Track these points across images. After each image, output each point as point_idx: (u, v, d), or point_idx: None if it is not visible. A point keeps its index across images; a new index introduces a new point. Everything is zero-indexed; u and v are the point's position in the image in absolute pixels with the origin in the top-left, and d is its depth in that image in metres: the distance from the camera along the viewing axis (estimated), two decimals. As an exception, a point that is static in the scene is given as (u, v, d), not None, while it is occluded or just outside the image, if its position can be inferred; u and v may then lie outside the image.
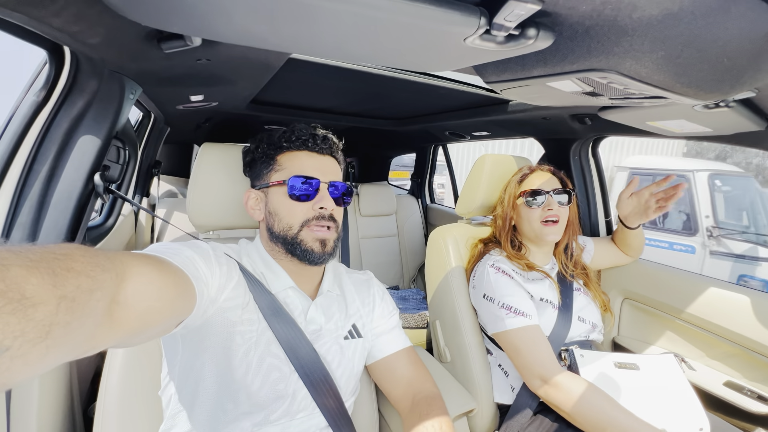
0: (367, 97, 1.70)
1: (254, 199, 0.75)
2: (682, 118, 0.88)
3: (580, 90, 0.69)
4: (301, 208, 0.69)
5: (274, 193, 0.71)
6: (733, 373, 1.12)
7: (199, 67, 0.91)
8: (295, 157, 0.72)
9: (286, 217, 0.69)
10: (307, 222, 0.69)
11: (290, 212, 0.69)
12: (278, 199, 0.70)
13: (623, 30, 0.47)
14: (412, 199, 2.97)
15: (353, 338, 0.76)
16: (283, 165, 0.72)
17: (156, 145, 1.96)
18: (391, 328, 0.83)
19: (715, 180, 3.82)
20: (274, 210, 0.71)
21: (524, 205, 1.11)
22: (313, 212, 0.69)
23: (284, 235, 0.69)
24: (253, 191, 0.75)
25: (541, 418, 0.97)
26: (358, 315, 0.79)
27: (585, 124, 1.38)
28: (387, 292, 0.88)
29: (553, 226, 1.08)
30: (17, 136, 0.74)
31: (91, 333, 0.33)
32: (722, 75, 0.55)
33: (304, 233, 0.69)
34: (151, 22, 0.54)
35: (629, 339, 1.38)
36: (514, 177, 1.18)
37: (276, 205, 0.71)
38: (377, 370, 0.82)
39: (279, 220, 0.70)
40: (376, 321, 0.82)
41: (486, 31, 0.48)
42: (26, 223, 0.74)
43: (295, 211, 0.69)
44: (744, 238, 3.57)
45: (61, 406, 0.83)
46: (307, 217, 0.69)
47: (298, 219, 0.69)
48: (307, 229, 0.69)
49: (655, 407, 0.89)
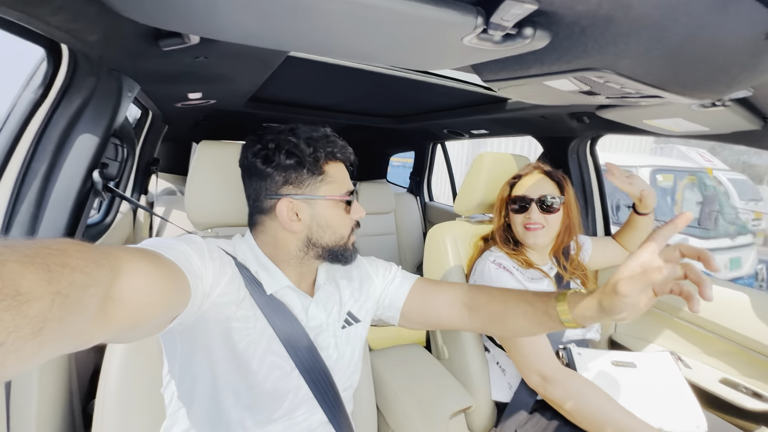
0: (366, 95, 1.70)
1: (293, 210, 0.68)
2: (679, 117, 0.89)
3: (577, 89, 0.70)
4: (349, 218, 0.72)
5: (327, 206, 0.69)
6: (730, 370, 1.13)
7: (197, 64, 0.91)
8: (340, 169, 0.72)
9: (340, 229, 0.71)
10: (352, 230, 0.74)
11: (343, 224, 0.71)
12: (334, 213, 0.70)
13: (619, 29, 0.47)
14: (410, 197, 2.98)
15: (350, 325, 0.77)
16: (333, 177, 0.70)
17: (154, 143, 1.96)
18: (394, 277, 0.85)
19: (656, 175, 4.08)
20: (326, 222, 0.69)
21: (513, 210, 1.13)
22: (353, 221, 0.74)
23: (333, 245, 0.71)
24: (294, 201, 0.67)
25: (538, 416, 0.97)
26: (353, 300, 0.79)
27: (583, 123, 1.39)
28: (374, 258, 0.89)
29: (536, 231, 1.08)
30: (15, 133, 0.74)
31: (85, 328, 0.33)
32: (718, 74, 0.56)
33: (350, 240, 0.73)
34: (149, 21, 0.54)
35: (626, 337, 1.39)
36: (508, 180, 1.19)
37: (329, 218, 0.70)
38: (411, 313, 0.82)
39: (333, 232, 0.70)
40: (380, 290, 0.83)
41: (483, 31, 0.48)
42: (25, 221, 0.74)
43: (346, 222, 0.72)
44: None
45: (60, 403, 0.84)
46: (352, 226, 0.74)
47: (348, 229, 0.72)
48: (351, 236, 0.73)
49: (652, 405, 0.89)
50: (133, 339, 0.49)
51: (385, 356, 1.16)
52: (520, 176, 1.15)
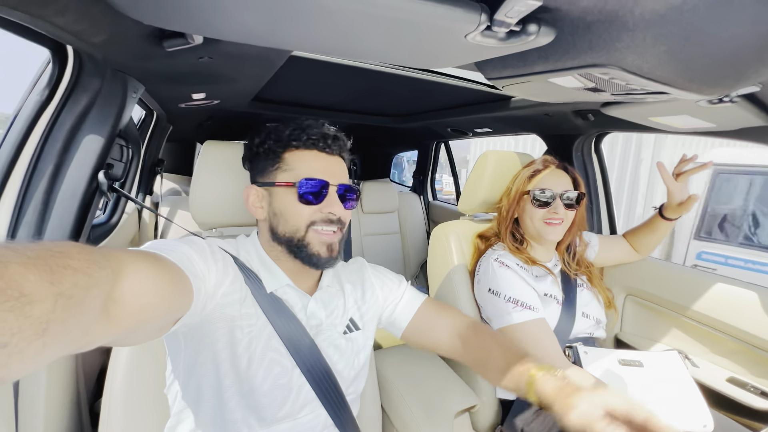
0: (369, 94, 1.70)
1: (256, 196, 0.71)
2: (685, 114, 0.88)
3: (582, 86, 0.69)
4: (308, 210, 0.67)
5: (280, 193, 0.68)
6: (738, 369, 1.12)
7: (200, 64, 0.91)
8: (304, 157, 0.68)
9: (293, 218, 0.67)
10: (314, 224, 0.68)
11: (297, 214, 0.67)
12: (285, 200, 0.68)
13: (625, 25, 0.46)
14: (414, 196, 2.97)
15: (351, 332, 0.77)
16: (291, 165, 0.68)
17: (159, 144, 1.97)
18: (402, 294, 0.84)
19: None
20: (279, 211, 0.68)
21: (530, 203, 1.10)
22: (320, 215, 0.68)
23: (289, 238, 0.68)
24: (254, 188, 0.71)
25: (544, 414, 0.97)
26: (355, 307, 0.79)
27: (587, 120, 1.38)
28: (382, 269, 0.88)
29: (556, 226, 1.07)
30: (22, 134, 0.74)
31: (88, 329, 0.33)
32: (725, 70, 0.55)
33: (311, 236, 0.68)
34: (152, 21, 0.54)
35: (632, 335, 1.38)
36: (525, 170, 1.14)
37: (282, 205, 0.68)
38: (413, 334, 0.83)
39: (285, 221, 0.68)
40: (381, 302, 0.82)
41: (487, 28, 0.48)
42: (32, 221, 0.75)
43: (302, 213, 0.67)
44: None
45: (67, 402, 0.85)
46: (313, 219, 0.68)
47: (304, 221, 0.67)
48: (314, 232, 0.68)
49: (659, 404, 0.89)
50: (137, 341, 0.49)
51: (390, 356, 1.16)
52: (539, 170, 1.12)
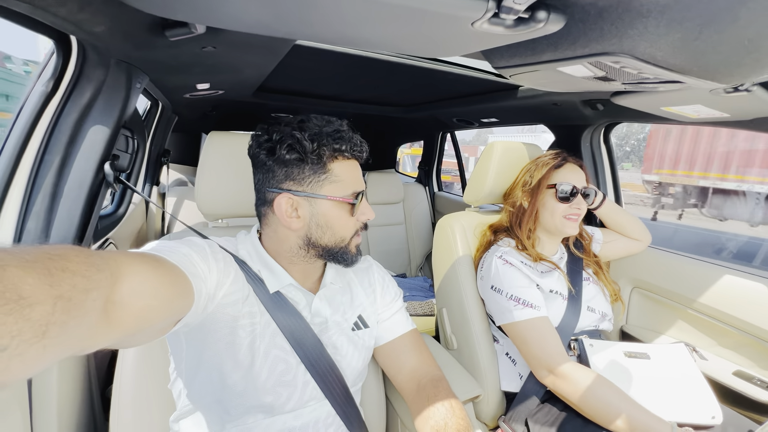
0: (374, 83, 1.68)
1: (293, 206, 0.66)
2: (699, 103, 0.85)
3: (592, 75, 0.67)
4: (354, 221, 0.68)
5: (327, 206, 0.66)
6: (745, 362, 1.11)
7: (204, 54, 0.91)
8: (348, 168, 0.67)
9: (342, 230, 0.67)
10: (357, 232, 0.70)
11: (346, 227, 0.68)
12: (334, 213, 0.66)
13: (638, 11, 0.45)
14: (419, 187, 2.96)
15: (360, 329, 0.76)
16: (339, 176, 0.65)
17: (164, 134, 1.97)
18: (393, 313, 0.82)
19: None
20: (326, 223, 0.66)
21: (552, 197, 1.09)
22: (359, 223, 0.69)
23: (332, 247, 0.68)
24: (293, 197, 0.65)
25: (549, 406, 0.97)
26: (363, 306, 0.79)
27: (597, 110, 1.35)
28: (388, 275, 0.87)
29: (575, 221, 1.08)
30: (28, 126, 0.75)
31: (88, 332, 0.33)
32: (742, 57, 0.53)
33: (352, 242, 0.70)
34: (154, 10, 0.54)
35: (637, 328, 1.37)
36: (544, 162, 1.12)
37: (330, 218, 0.66)
38: (382, 355, 0.82)
39: (332, 233, 0.67)
40: (379, 308, 0.82)
41: (494, 15, 0.47)
42: (40, 212, 0.76)
43: (350, 225, 0.68)
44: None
45: (79, 388, 0.87)
46: (356, 228, 0.69)
47: (350, 232, 0.69)
48: (354, 238, 0.70)
49: (667, 396, 0.89)
50: (139, 342, 0.49)
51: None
52: (561, 164, 1.11)
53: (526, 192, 1.13)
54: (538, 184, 1.11)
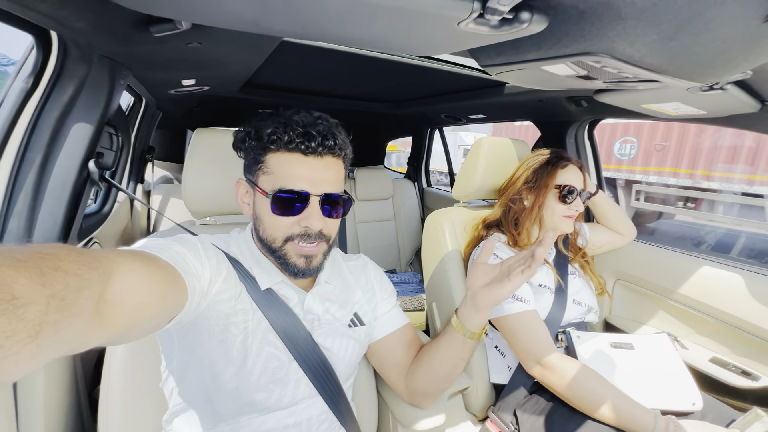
0: (362, 80, 1.68)
1: (244, 192, 0.68)
2: (677, 101, 0.88)
3: (575, 74, 0.69)
4: (285, 222, 0.62)
5: (259, 198, 0.64)
6: (721, 349, 1.16)
7: (189, 50, 0.89)
8: (286, 162, 0.61)
9: (270, 228, 0.63)
10: (291, 237, 0.63)
11: (274, 225, 0.63)
12: (263, 207, 0.63)
13: (617, 13, 0.46)
14: (408, 183, 2.97)
15: (355, 326, 0.76)
16: (271, 168, 0.62)
17: (149, 131, 1.93)
18: (388, 309, 0.83)
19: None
20: (259, 215, 0.65)
21: (555, 197, 1.10)
22: (299, 228, 0.62)
23: (268, 245, 0.65)
24: (243, 182, 0.68)
25: (537, 396, 1.00)
26: (359, 303, 0.79)
27: (581, 107, 1.38)
28: (383, 273, 0.88)
29: (571, 220, 1.11)
30: (8, 123, 0.73)
31: (81, 331, 0.33)
32: (715, 58, 0.55)
33: (288, 248, 0.64)
34: (137, 6, 0.53)
35: (621, 318, 1.42)
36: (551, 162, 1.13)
37: (261, 211, 0.64)
38: (376, 352, 0.83)
39: (264, 228, 0.64)
40: (378, 305, 0.82)
41: (480, 15, 0.48)
42: (22, 212, 0.74)
43: (279, 224, 0.62)
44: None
45: (66, 390, 0.86)
46: (291, 232, 0.62)
47: (281, 233, 0.63)
48: (291, 245, 0.63)
49: (650, 385, 0.92)
50: (131, 340, 0.49)
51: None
52: (565, 165, 1.12)
53: (529, 190, 1.14)
54: (544, 184, 1.11)
